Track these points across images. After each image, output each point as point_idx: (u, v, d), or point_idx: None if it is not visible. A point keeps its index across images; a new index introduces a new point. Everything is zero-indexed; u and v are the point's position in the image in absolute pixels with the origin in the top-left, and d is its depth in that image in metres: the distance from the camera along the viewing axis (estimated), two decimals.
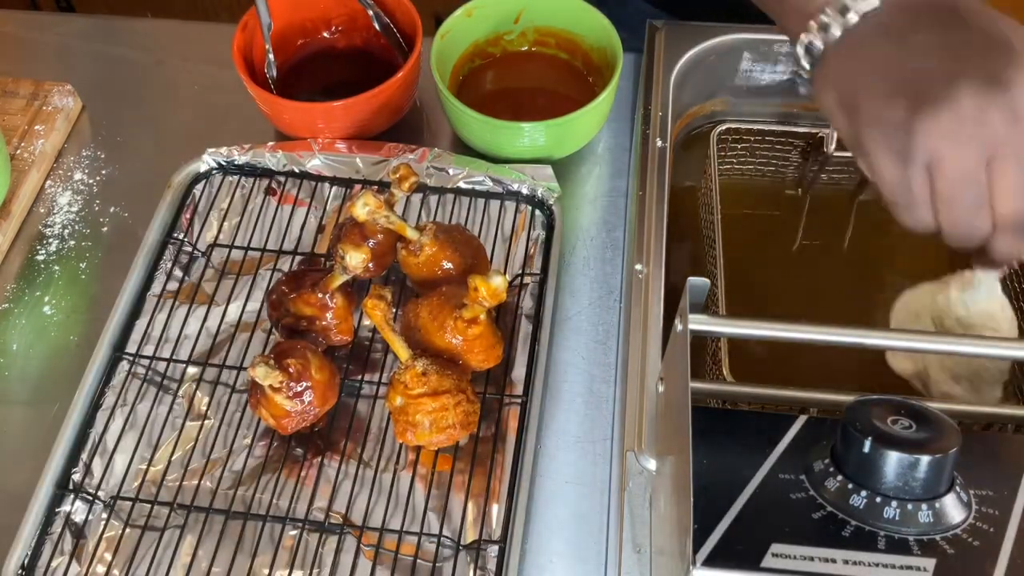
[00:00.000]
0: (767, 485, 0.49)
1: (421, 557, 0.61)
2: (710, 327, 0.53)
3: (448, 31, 0.81)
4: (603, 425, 0.67)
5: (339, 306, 0.67)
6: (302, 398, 0.63)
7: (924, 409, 0.48)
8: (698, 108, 0.90)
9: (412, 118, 0.85)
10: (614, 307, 0.73)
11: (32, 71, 0.88)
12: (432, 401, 0.61)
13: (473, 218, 0.77)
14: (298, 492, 0.64)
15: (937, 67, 0.47)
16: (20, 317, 0.74)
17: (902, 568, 0.44)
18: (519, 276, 0.74)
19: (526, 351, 0.69)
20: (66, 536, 0.62)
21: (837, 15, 0.52)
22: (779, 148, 0.86)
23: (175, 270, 0.75)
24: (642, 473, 0.61)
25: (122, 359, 0.70)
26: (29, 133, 0.82)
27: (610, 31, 0.80)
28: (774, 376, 0.74)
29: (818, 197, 0.86)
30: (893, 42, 0.49)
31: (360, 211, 0.65)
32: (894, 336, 0.55)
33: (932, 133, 0.47)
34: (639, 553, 0.59)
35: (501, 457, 0.65)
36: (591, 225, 0.78)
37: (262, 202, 0.79)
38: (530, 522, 0.63)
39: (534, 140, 0.77)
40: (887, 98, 0.48)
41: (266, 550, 0.62)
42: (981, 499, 0.48)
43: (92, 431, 0.66)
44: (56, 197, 0.81)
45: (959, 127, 0.47)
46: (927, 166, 0.48)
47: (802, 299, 0.80)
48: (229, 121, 0.86)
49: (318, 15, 0.86)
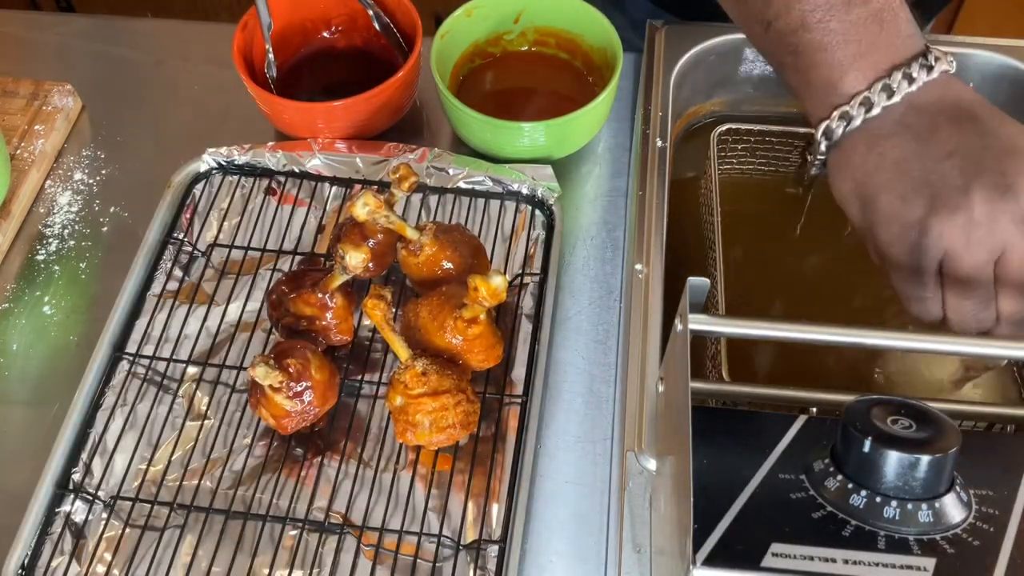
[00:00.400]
0: (767, 485, 0.49)
1: (421, 557, 0.61)
2: (710, 327, 0.53)
3: (448, 31, 0.81)
4: (603, 425, 0.67)
5: (339, 306, 0.67)
6: (302, 398, 0.63)
7: (924, 409, 0.48)
8: (698, 108, 0.90)
9: (412, 118, 0.85)
10: (614, 307, 0.73)
11: (32, 71, 0.88)
12: (432, 401, 0.61)
13: (473, 218, 0.77)
14: (298, 492, 0.64)
15: (953, 172, 0.50)
16: (20, 317, 0.74)
17: (902, 568, 0.44)
18: (519, 276, 0.74)
19: (526, 351, 0.69)
20: (66, 536, 0.62)
21: (861, 109, 0.54)
22: (779, 148, 0.86)
23: (175, 270, 0.75)
24: (642, 473, 0.61)
25: (122, 359, 0.70)
26: (29, 133, 0.82)
27: (610, 31, 0.80)
28: (774, 376, 0.74)
29: (818, 197, 0.86)
30: (913, 141, 0.52)
31: (360, 211, 0.65)
32: (894, 336, 0.55)
33: (946, 234, 0.51)
34: (639, 553, 0.59)
35: (501, 457, 0.65)
36: (591, 225, 0.78)
37: (262, 202, 0.79)
38: (530, 522, 0.63)
39: (534, 140, 0.77)
40: (905, 197, 0.52)
41: (266, 550, 0.62)
42: (981, 499, 0.48)
43: (92, 431, 0.66)
44: (56, 197, 0.81)
45: (972, 229, 0.50)
46: (939, 263, 0.52)
47: (802, 299, 0.80)
48: (229, 121, 0.86)
49: (318, 15, 0.86)
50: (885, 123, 0.54)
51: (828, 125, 0.56)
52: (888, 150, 0.54)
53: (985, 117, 0.53)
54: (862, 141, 0.55)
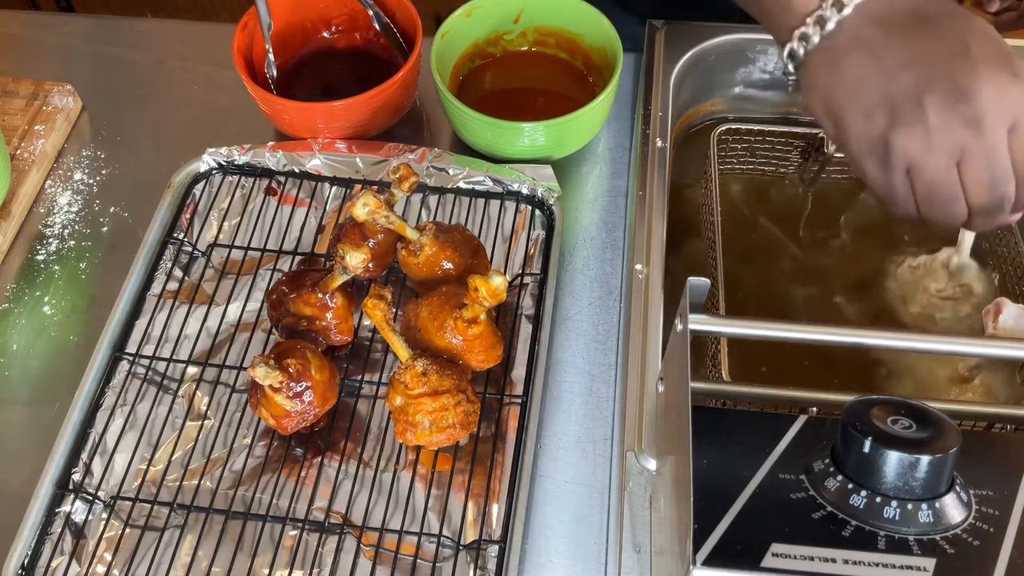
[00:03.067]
0: (767, 485, 0.49)
1: (421, 557, 0.61)
2: (710, 327, 0.53)
3: (448, 31, 0.81)
4: (603, 425, 0.67)
5: (339, 306, 0.67)
6: (302, 398, 0.63)
7: (924, 409, 0.48)
8: (698, 108, 0.90)
9: (412, 118, 0.85)
10: (614, 307, 0.73)
11: (32, 71, 0.88)
12: (432, 401, 0.61)
13: (473, 218, 0.77)
14: (298, 492, 0.64)
15: (908, 84, 0.54)
16: (20, 317, 0.74)
17: (902, 568, 0.44)
18: (519, 276, 0.74)
19: (526, 351, 0.69)
20: (66, 536, 0.62)
21: (816, 27, 0.57)
22: (779, 148, 0.86)
23: (175, 270, 0.75)
24: (642, 473, 0.61)
25: (122, 359, 0.70)
26: (29, 133, 0.82)
27: (610, 31, 0.80)
28: (774, 376, 0.74)
29: (818, 197, 0.86)
30: (868, 56, 0.56)
31: (360, 211, 0.65)
32: (894, 336, 0.55)
33: (907, 145, 0.54)
34: (639, 553, 0.59)
35: (501, 457, 0.65)
36: (591, 225, 0.78)
37: (262, 202, 0.79)
38: (530, 522, 0.63)
39: (534, 140, 0.77)
40: (868, 114, 0.56)
41: (266, 550, 0.62)
42: (981, 499, 0.48)
43: (92, 431, 0.66)
44: (56, 197, 0.81)
45: (929, 137, 0.54)
46: (906, 171, 0.56)
47: (802, 299, 0.80)
48: (229, 121, 0.86)
49: (318, 15, 0.86)
50: (841, 39, 0.57)
51: (791, 47, 0.59)
52: (846, 69, 0.57)
53: (936, 19, 0.55)
54: (823, 60, 0.58)
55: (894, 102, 0.54)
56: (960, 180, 0.55)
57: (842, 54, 0.57)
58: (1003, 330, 0.70)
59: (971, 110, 0.53)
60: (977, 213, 0.56)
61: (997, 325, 0.70)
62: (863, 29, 0.56)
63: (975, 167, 0.54)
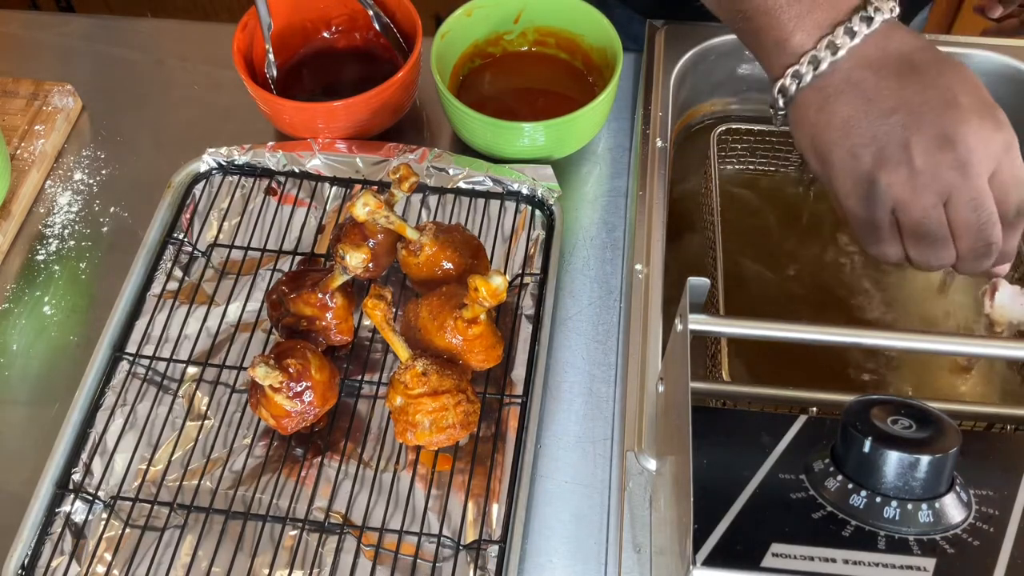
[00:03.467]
0: (767, 485, 0.49)
1: (421, 557, 0.61)
2: (710, 327, 0.53)
3: (448, 31, 0.81)
4: (603, 425, 0.67)
5: (339, 306, 0.67)
6: (302, 398, 0.63)
7: (924, 409, 0.48)
8: (698, 108, 0.90)
9: (412, 118, 0.85)
10: (614, 307, 0.73)
11: (32, 71, 0.88)
12: (432, 401, 0.61)
13: (473, 218, 0.77)
14: (298, 492, 0.64)
15: (896, 128, 0.55)
16: (20, 317, 0.74)
17: (902, 568, 0.44)
18: (519, 276, 0.74)
19: (526, 351, 0.69)
20: (66, 536, 0.62)
21: (810, 67, 0.58)
22: (779, 148, 0.86)
23: (175, 270, 0.75)
24: (642, 473, 0.61)
25: (122, 359, 0.70)
26: (29, 133, 0.82)
27: (610, 31, 0.80)
28: (774, 376, 0.74)
29: (818, 197, 0.86)
30: (859, 99, 0.57)
31: (360, 211, 0.65)
32: (894, 336, 0.55)
33: (892, 183, 0.56)
34: (639, 553, 0.59)
35: (501, 457, 0.65)
36: (591, 225, 0.78)
37: (262, 202, 0.79)
38: (530, 522, 0.63)
39: (534, 140, 0.77)
40: (854, 153, 0.57)
41: (266, 550, 0.62)
42: (981, 499, 0.48)
43: (92, 431, 0.66)
44: (56, 197, 0.81)
45: (915, 178, 0.55)
46: (891, 210, 0.57)
47: (802, 299, 0.80)
48: (229, 121, 0.86)
49: (318, 15, 0.86)
50: (834, 80, 0.58)
51: (783, 84, 0.60)
52: (837, 108, 0.58)
53: (925, 68, 0.57)
54: (815, 99, 0.59)
55: (881, 143, 0.56)
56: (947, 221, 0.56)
57: (833, 94, 0.58)
58: (1000, 307, 0.72)
59: (957, 155, 0.54)
60: (965, 256, 0.57)
61: (994, 303, 0.73)
62: (855, 72, 0.57)
63: (962, 208, 0.55)
